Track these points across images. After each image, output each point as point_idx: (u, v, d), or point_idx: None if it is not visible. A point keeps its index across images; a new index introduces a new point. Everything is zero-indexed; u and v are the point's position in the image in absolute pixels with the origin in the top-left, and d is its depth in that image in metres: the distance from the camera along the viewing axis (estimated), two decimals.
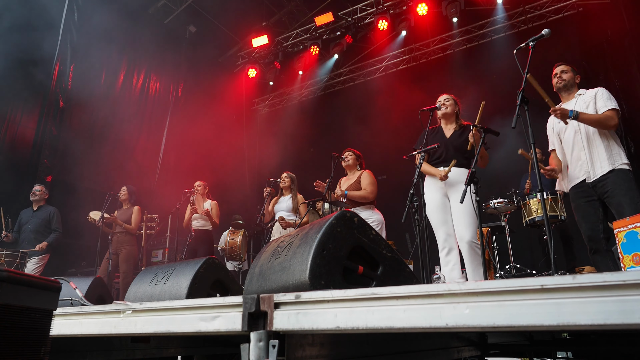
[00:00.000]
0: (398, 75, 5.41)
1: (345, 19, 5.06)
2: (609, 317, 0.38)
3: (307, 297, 0.56)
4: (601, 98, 1.77)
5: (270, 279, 0.83)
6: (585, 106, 1.78)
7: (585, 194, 1.74)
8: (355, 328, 0.51)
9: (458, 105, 2.10)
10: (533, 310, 0.41)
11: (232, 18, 5.32)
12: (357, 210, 2.38)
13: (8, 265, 2.66)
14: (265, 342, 0.56)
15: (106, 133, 4.44)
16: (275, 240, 0.95)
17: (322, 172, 3.43)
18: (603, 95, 1.78)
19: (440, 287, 0.47)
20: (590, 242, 1.71)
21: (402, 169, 4.02)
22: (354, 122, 5.25)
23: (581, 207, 1.76)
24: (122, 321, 0.69)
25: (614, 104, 1.75)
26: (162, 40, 4.98)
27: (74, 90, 4.12)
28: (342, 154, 2.64)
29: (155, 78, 5.08)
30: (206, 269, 1.17)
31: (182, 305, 0.64)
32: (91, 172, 4.07)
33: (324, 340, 0.63)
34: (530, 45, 1.64)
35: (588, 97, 1.81)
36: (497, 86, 4.31)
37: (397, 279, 0.83)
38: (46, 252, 3.15)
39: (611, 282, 0.38)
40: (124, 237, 3.32)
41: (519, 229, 3.26)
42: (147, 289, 1.22)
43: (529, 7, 4.59)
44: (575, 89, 1.89)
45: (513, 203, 3.03)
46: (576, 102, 1.84)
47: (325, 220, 0.78)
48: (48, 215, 3.20)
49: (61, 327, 0.76)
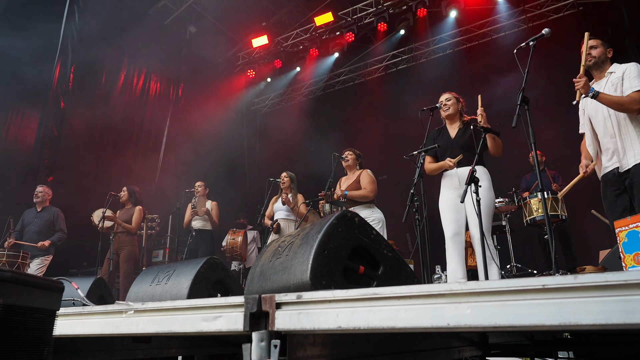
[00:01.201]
0: (398, 75, 5.41)
1: (345, 18, 5.06)
2: (611, 317, 0.38)
3: (308, 297, 0.56)
4: (628, 77, 1.55)
5: (271, 279, 0.83)
6: (614, 88, 1.58)
7: (614, 185, 1.60)
8: (357, 328, 0.51)
9: (461, 103, 2.08)
10: (535, 310, 0.41)
11: (232, 18, 5.33)
12: (357, 209, 2.38)
13: (9, 266, 2.66)
14: (267, 342, 0.56)
15: (107, 133, 4.45)
16: (276, 240, 0.95)
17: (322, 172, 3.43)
18: (631, 73, 1.55)
19: (442, 287, 0.47)
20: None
21: (402, 169, 4.02)
22: (354, 121, 5.25)
23: (608, 197, 1.63)
24: (124, 321, 0.70)
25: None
26: (163, 41, 4.98)
27: (75, 91, 4.13)
28: (342, 153, 2.64)
29: (155, 78, 5.09)
30: (207, 269, 1.18)
31: (184, 306, 0.65)
32: (92, 172, 4.08)
33: (325, 340, 0.63)
34: (531, 44, 1.63)
35: (617, 76, 1.60)
36: (498, 85, 4.31)
37: (398, 279, 0.83)
38: (49, 253, 3.14)
39: (613, 282, 0.38)
40: (124, 237, 3.32)
41: (519, 229, 3.26)
42: (148, 289, 1.23)
43: (529, 6, 4.58)
44: (608, 65, 1.67)
45: (514, 202, 3.03)
46: (607, 82, 1.63)
47: (326, 220, 0.78)
48: (52, 216, 3.20)
49: (63, 327, 0.76)
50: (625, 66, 1.64)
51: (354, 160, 2.60)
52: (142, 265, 3.65)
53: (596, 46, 1.71)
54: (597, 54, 1.70)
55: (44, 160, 3.84)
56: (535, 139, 1.54)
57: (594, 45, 1.71)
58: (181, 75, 5.38)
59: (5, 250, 2.78)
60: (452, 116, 2.07)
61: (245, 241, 3.74)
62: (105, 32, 4.31)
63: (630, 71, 1.59)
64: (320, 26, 5.13)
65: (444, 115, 2.08)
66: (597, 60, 1.69)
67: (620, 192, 1.61)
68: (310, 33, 5.30)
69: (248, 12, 5.29)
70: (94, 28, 4.23)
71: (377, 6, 4.88)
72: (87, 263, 3.79)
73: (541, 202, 2.72)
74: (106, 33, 4.31)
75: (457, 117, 2.07)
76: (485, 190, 1.81)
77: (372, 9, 4.93)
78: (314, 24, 5.16)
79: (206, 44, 5.51)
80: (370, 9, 4.95)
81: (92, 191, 3.92)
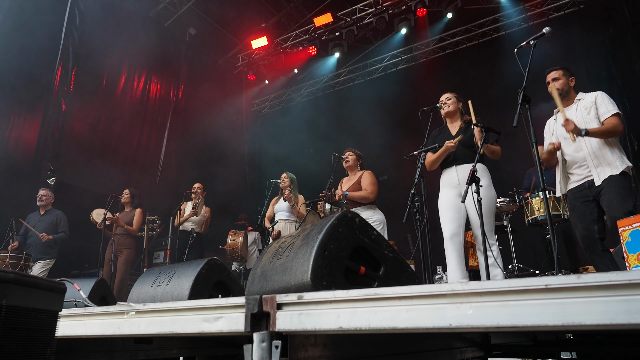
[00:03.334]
0: (398, 75, 5.41)
1: (344, 19, 5.06)
2: (615, 317, 0.38)
3: (309, 297, 0.56)
4: (602, 104, 1.71)
5: (272, 280, 0.83)
6: (587, 112, 1.73)
7: (583, 195, 1.73)
8: (358, 328, 0.51)
9: (461, 102, 2.08)
10: (537, 310, 0.41)
11: (232, 20, 5.35)
12: (358, 210, 2.38)
13: (12, 268, 2.67)
14: (268, 342, 0.56)
15: (108, 136, 4.46)
16: (277, 241, 0.95)
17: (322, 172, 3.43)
18: (604, 100, 1.72)
19: (444, 287, 0.47)
20: (584, 242, 1.69)
21: (402, 169, 4.02)
22: (354, 122, 5.25)
23: (577, 208, 1.74)
24: (125, 322, 0.70)
25: (615, 108, 1.70)
26: (163, 43, 5.01)
27: (76, 93, 4.15)
28: (343, 154, 2.63)
29: (156, 80, 5.11)
30: (208, 270, 1.18)
31: (185, 306, 0.65)
32: (93, 174, 4.09)
33: (326, 340, 0.63)
34: (531, 43, 1.63)
35: (588, 102, 1.75)
36: (498, 85, 4.30)
37: (399, 279, 0.82)
38: (51, 256, 3.16)
39: (617, 282, 0.38)
40: (124, 240, 3.34)
41: (521, 229, 3.24)
42: (149, 290, 1.23)
43: (529, 5, 4.57)
44: (573, 94, 1.81)
45: (515, 202, 3.02)
46: (577, 108, 1.77)
47: (327, 220, 0.78)
48: (55, 218, 3.22)
49: (66, 328, 0.76)
50: (594, 94, 1.77)
51: (355, 161, 2.60)
52: (143, 267, 3.66)
53: (558, 77, 1.81)
54: (560, 85, 1.79)
55: (46, 162, 3.86)
56: (536, 137, 1.53)
57: (555, 78, 1.81)
58: (181, 76, 5.40)
59: (9, 253, 2.80)
60: (452, 114, 2.06)
61: (246, 242, 3.74)
62: (106, 34, 4.33)
63: (603, 98, 1.73)
64: (320, 27, 5.14)
65: (444, 114, 2.08)
66: (562, 91, 1.78)
67: (587, 200, 1.71)
68: (310, 34, 5.31)
69: (248, 13, 5.31)
70: (95, 30, 4.25)
71: (377, 6, 4.88)
72: (89, 265, 3.81)
73: (543, 202, 2.70)
74: (107, 35, 4.33)
75: (457, 115, 2.06)
76: (486, 189, 1.80)
77: (372, 9, 4.93)
78: (313, 25, 5.17)
79: (206, 45, 5.53)
80: (370, 9, 4.95)
81: (93, 193, 3.93)
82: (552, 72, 1.83)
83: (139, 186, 3.89)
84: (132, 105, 4.79)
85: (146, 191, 4.41)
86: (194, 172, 4.66)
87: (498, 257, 1.79)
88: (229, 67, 5.92)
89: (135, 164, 4.66)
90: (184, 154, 5.09)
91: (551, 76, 1.82)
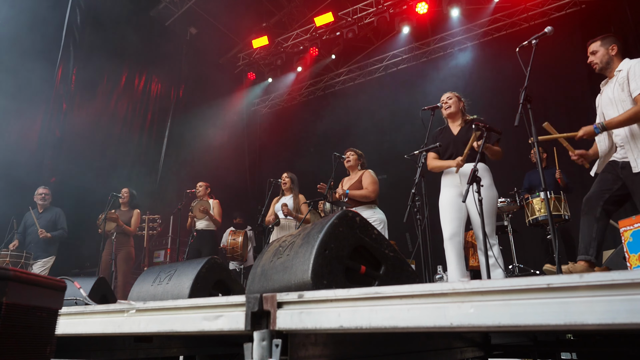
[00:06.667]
0: (398, 75, 5.40)
1: (345, 19, 5.06)
2: (617, 317, 0.37)
3: (310, 296, 0.55)
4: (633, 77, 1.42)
5: (272, 279, 0.83)
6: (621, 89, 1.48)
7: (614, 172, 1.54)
8: (359, 327, 0.51)
9: (462, 102, 2.07)
10: (539, 309, 0.41)
11: (232, 19, 5.34)
12: (359, 209, 2.37)
13: (12, 266, 2.67)
14: (268, 341, 0.56)
15: (108, 135, 4.46)
16: (277, 240, 0.95)
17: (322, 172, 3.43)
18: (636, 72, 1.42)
19: (445, 286, 0.47)
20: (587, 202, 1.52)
21: (403, 169, 4.01)
22: (355, 121, 5.25)
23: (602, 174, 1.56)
24: (126, 320, 0.70)
25: None
26: (163, 42, 5.00)
27: (77, 92, 4.15)
28: (344, 153, 2.63)
29: (156, 80, 5.10)
30: (208, 269, 1.18)
31: (186, 305, 0.65)
32: (94, 173, 4.09)
33: (326, 339, 0.63)
34: (533, 43, 1.62)
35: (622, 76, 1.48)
36: (499, 84, 4.29)
37: (400, 279, 0.82)
38: (51, 254, 3.17)
39: (620, 281, 0.38)
40: (121, 238, 3.35)
41: (522, 229, 3.24)
42: (149, 289, 1.23)
43: (530, 4, 4.56)
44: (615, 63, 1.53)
45: (516, 202, 3.01)
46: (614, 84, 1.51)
47: (327, 219, 0.78)
48: (54, 216, 3.23)
49: (66, 327, 0.76)
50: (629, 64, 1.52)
51: (356, 161, 2.59)
52: (144, 266, 3.66)
53: (595, 50, 1.60)
54: (598, 58, 1.58)
55: (47, 161, 3.87)
56: (537, 137, 1.53)
57: (593, 51, 1.60)
58: (182, 76, 5.39)
59: (9, 252, 2.80)
60: (454, 114, 2.05)
61: (246, 242, 3.74)
62: (107, 34, 4.33)
63: (635, 70, 1.46)
64: (321, 26, 5.13)
65: (445, 114, 2.07)
66: (601, 65, 1.58)
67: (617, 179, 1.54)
68: (311, 33, 5.30)
69: (248, 13, 5.30)
70: (96, 30, 4.25)
71: (378, 6, 4.88)
72: (90, 263, 3.81)
73: (544, 202, 2.70)
74: (107, 35, 4.33)
75: (458, 115, 2.06)
76: (487, 188, 1.79)
77: (373, 8, 4.93)
78: (314, 25, 5.16)
79: (207, 45, 5.53)
80: (371, 9, 4.95)
81: (93, 192, 3.93)
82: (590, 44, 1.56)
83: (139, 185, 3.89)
84: (133, 104, 4.79)
85: (147, 190, 4.41)
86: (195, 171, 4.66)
87: (499, 257, 1.78)
88: (229, 67, 5.91)
89: (135, 163, 4.66)
90: (185, 153, 5.09)
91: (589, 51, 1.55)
